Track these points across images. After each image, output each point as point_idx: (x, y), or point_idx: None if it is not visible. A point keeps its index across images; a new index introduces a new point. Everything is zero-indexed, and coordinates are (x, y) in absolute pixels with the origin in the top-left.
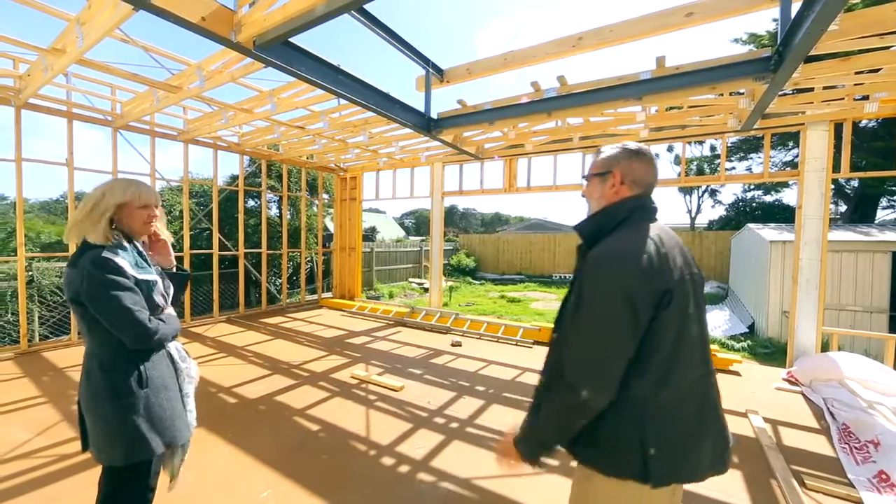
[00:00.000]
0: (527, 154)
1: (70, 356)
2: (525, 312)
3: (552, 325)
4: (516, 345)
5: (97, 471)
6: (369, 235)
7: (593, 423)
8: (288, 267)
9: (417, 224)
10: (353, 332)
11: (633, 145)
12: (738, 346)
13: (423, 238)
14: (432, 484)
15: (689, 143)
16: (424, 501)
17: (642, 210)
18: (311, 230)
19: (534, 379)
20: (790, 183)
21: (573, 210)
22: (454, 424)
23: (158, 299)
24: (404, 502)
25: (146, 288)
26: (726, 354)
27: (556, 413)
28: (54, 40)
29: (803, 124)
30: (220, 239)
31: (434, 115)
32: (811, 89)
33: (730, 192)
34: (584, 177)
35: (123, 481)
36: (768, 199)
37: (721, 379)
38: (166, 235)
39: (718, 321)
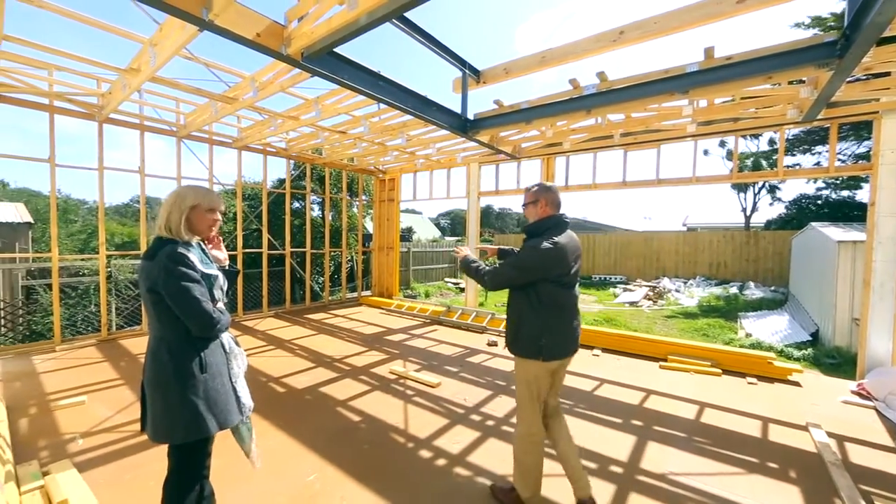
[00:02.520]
0: (565, 152)
1: (141, 344)
2: None
3: (588, 328)
4: None
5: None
6: (406, 235)
7: (517, 329)
8: (330, 266)
9: (453, 224)
10: (392, 330)
11: (547, 184)
12: (797, 354)
13: (459, 238)
14: (469, 478)
15: (744, 136)
16: (461, 494)
17: (558, 223)
18: (351, 230)
19: (574, 380)
20: (867, 177)
21: (613, 208)
22: (490, 422)
23: (217, 293)
24: (442, 494)
25: (209, 282)
26: (785, 363)
27: (478, 276)
28: (131, 61)
29: (877, 112)
30: (268, 239)
31: (470, 117)
32: (887, 74)
33: (793, 189)
34: (523, 205)
35: (184, 457)
36: (840, 195)
37: (779, 390)
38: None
39: (776, 327)
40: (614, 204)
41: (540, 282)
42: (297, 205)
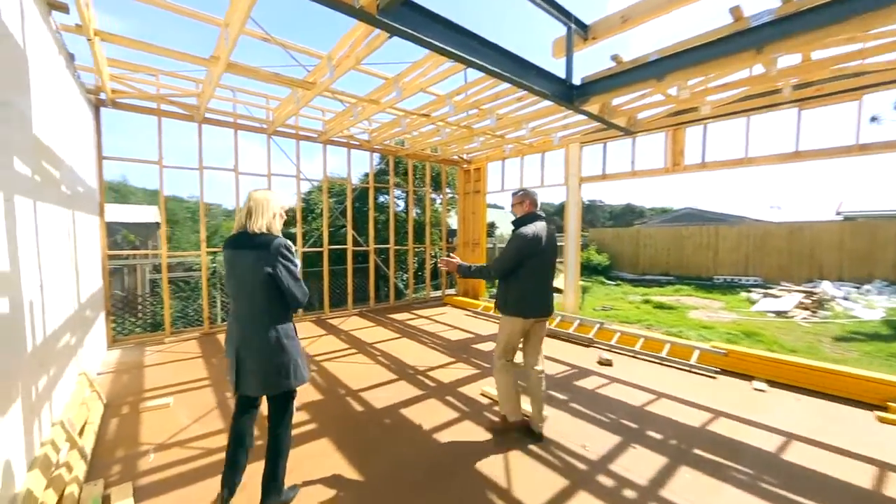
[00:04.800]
0: (701, 120)
1: None
2: (683, 323)
3: (740, 349)
4: (690, 371)
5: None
6: (489, 231)
7: (505, 296)
8: (413, 262)
9: None
10: (480, 336)
11: (529, 189)
12: None
13: None
14: None
15: None
16: None
17: (534, 217)
18: (435, 225)
19: (735, 429)
20: None
21: (725, 195)
22: (630, 493)
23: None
24: None
25: (296, 267)
26: None
27: (480, 275)
28: (213, 50)
29: None
30: (353, 235)
31: (577, 82)
32: None
33: None
34: (512, 205)
35: (286, 403)
36: None
37: None
38: None
39: None
40: (728, 190)
41: (526, 259)
42: (380, 199)
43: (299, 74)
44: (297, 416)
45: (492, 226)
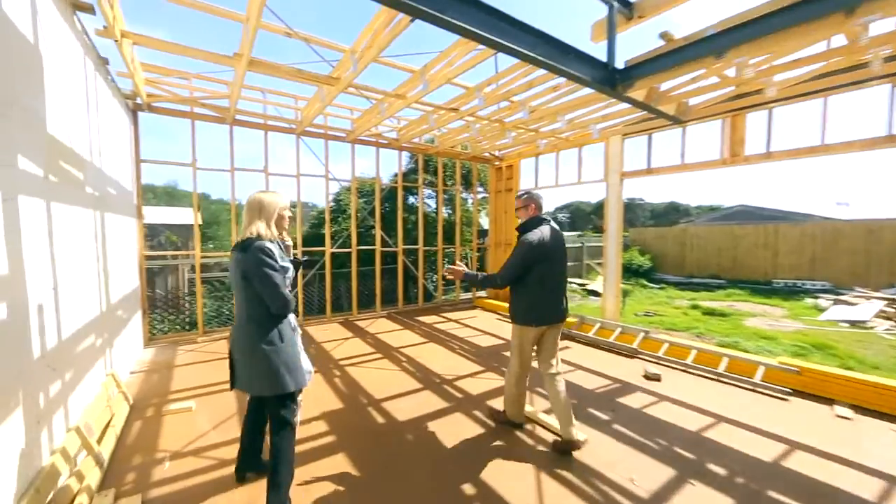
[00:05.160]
0: (766, 104)
1: None
2: (738, 332)
3: (816, 367)
4: (754, 391)
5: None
6: None
7: (514, 304)
8: (443, 263)
9: (573, 219)
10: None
11: (533, 192)
12: None
13: (580, 233)
14: None
15: None
16: None
17: (540, 220)
18: (466, 225)
19: (818, 467)
20: None
21: (799, 189)
22: None
23: (289, 282)
24: None
25: (284, 272)
26: None
27: (488, 283)
28: (238, 49)
29: None
30: (381, 235)
31: (620, 66)
32: None
33: None
34: (517, 209)
35: (277, 409)
36: None
37: None
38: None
39: None
40: (785, 185)
41: (534, 265)
42: (410, 199)
43: (324, 71)
44: (316, 427)
45: None
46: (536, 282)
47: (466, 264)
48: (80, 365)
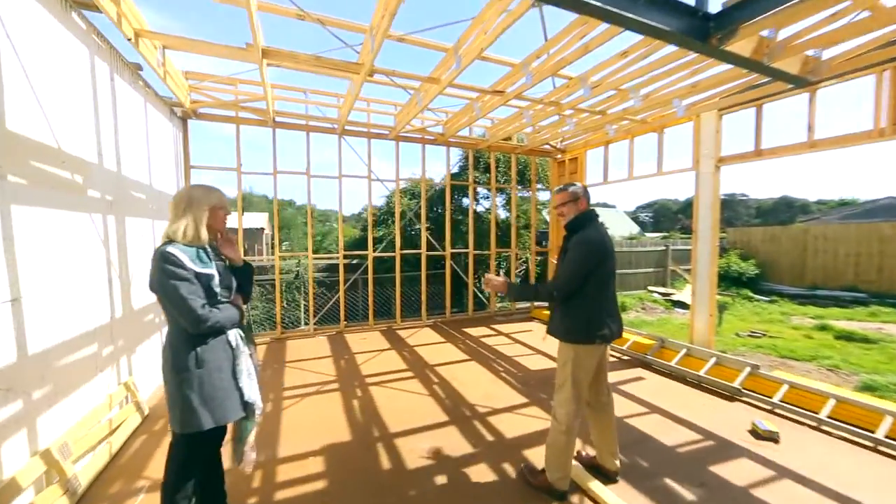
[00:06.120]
0: None
1: (298, 347)
2: (893, 367)
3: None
4: None
5: None
6: None
7: (567, 318)
8: (498, 269)
9: (656, 219)
10: None
11: (578, 184)
12: None
13: (665, 235)
14: None
15: None
16: None
17: (594, 216)
18: (524, 227)
19: None
20: None
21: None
22: None
23: (219, 290)
24: None
25: (205, 280)
26: None
27: (540, 295)
28: (263, 47)
29: None
30: (427, 238)
31: (716, 9)
32: None
33: None
34: (559, 205)
35: (180, 447)
36: None
37: None
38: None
39: None
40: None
41: (593, 269)
42: (460, 200)
43: (347, 57)
44: (311, 466)
45: None
46: (597, 289)
47: (524, 272)
48: (64, 380)
